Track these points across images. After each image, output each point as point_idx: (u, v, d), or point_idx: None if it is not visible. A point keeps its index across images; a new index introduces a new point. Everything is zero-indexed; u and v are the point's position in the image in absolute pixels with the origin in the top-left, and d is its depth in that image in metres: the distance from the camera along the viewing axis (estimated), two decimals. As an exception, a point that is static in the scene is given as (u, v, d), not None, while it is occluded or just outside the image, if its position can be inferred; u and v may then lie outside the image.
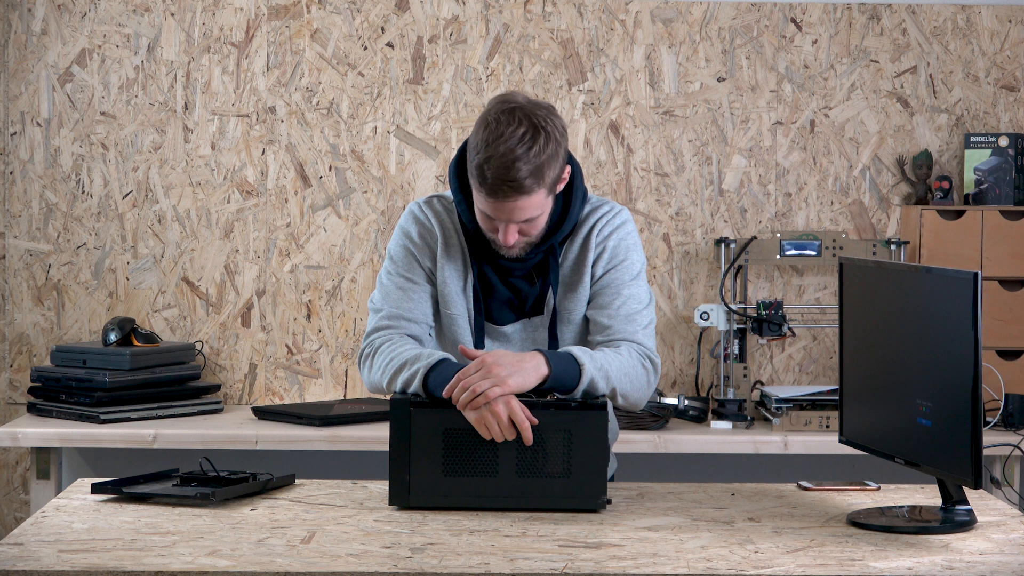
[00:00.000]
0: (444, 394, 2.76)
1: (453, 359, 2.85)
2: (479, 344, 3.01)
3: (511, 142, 2.82)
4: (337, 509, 2.77)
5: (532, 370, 2.78)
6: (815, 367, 4.65)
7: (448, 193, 3.07)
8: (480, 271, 3.01)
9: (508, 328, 3.03)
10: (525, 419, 2.72)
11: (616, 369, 2.87)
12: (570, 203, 2.99)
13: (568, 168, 2.94)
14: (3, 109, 4.56)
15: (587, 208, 3.04)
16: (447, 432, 2.73)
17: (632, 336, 2.97)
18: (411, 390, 2.83)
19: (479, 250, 3.00)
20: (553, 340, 3.02)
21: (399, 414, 2.74)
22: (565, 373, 2.81)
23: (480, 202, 2.89)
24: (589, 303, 3.03)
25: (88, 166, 4.57)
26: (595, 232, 3.02)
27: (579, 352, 2.84)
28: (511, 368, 2.76)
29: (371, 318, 3.02)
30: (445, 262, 3.01)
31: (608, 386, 2.85)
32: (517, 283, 3.02)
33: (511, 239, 2.90)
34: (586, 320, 3.04)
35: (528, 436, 2.72)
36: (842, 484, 3.02)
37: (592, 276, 3.02)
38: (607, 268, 3.02)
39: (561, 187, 2.95)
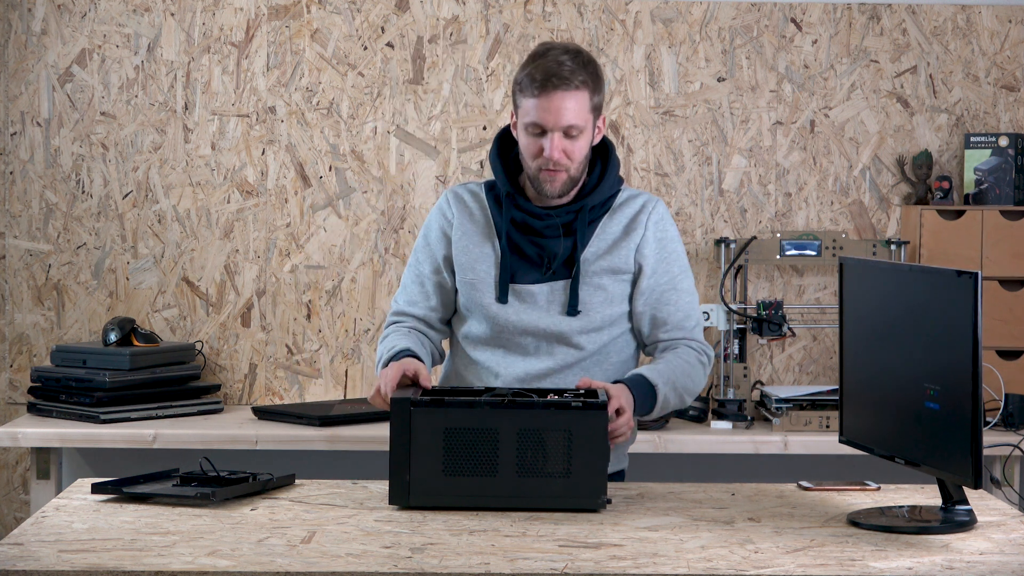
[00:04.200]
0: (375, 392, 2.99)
1: (417, 353, 3.07)
2: (503, 301, 3.10)
3: (557, 52, 3.07)
4: (337, 509, 2.77)
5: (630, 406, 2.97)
6: (815, 367, 4.65)
7: (482, 181, 3.26)
8: (507, 235, 3.15)
9: (534, 288, 3.14)
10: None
11: (681, 375, 3.08)
12: (606, 169, 3.16)
13: (604, 120, 3.15)
14: (3, 109, 4.56)
15: (626, 192, 3.21)
16: (447, 431, 2.73)
17: (690, 334, 3.17)
18: None
19: (507, 214, 3.15)
20: (573, 297, 3.08)
21: (399, 413, 2.74)
22: (644, 398, 3.01)
23: (528, 112, 3.05)
24: (645, 295, 3.16)
25: (88, 166, 4.57)
26: (645, 215, 3.17)
27: (650, 373, 3.04)
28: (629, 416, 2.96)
29: (390, 309, 3.29)
30: (463, 234, 3.18)
31: (677, 396, 3.07)
32: (545, 243, 3.13)
33: (556, 149, 3.04)
34: (629, 300, 3.18)
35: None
36: (842, 484, 3.02)
37: (640, 256, 3.15)
38: (660, 259, 3.16)
39: (598, 137, 3.13)
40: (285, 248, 4.59)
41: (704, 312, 4.40)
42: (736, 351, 4.45)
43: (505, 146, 3.21)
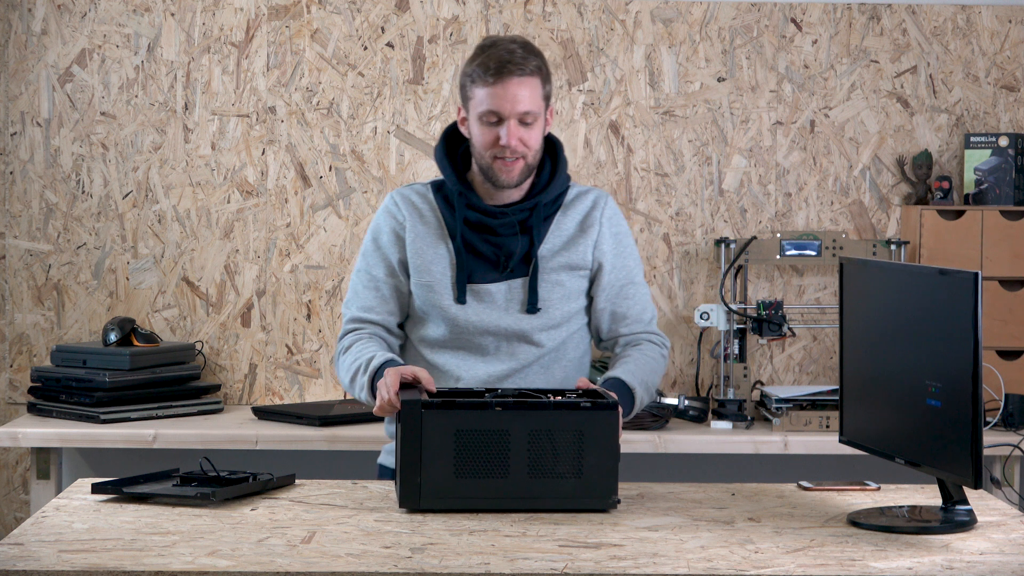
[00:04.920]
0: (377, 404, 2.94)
1: (398, 360, 3.06)
2: (461, 302, 3.11)
3: (506, 42, 3.10)
4: (337, 509, 2.77)
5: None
6: (815, 367, 4.65)
7: (426, 182, 3.24)
8: (461, 235, 3.14)
9: (492, 287, 3.13)
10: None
11: (650, 372, 3.13)
12: (556, 166, 3.18)
13: (552, 113, 3.17)
14: (3, 109, 4.56)
15: (576, 189, 3.22)
16: (459, 433, 2.73)
17: (648, 327, 3.22)
18: (363, 398, 3.07)
19: (460, 214, 3.14)
20: (533, 294, 3.07)
21: (410, 415, 2.73)
22: (623, 403, 3.02)
23: (483, 101, 3.06)
24: (606, 291, 3.18)
25: (88, 166, 4.57)
26: (598, 211, 3.19)
27: (627, 376, 3.07)
28: None
29: (344, 317, 3.22)
30: (416, 236, 3.15)
31: (648, 396, 3.11)
32: (501, 241, 3.12)
33: (513, 136, 3.05)
34: (588, 298, 3.20)
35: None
36: (842, 484, 3.02)
37: (599, 253, 3.17)
38: (617, 254, 3.19)
39: (548, 128, 3.14)
40: (285, 248, 4.59)
41: (704, 312, 4.40)
42: (736, 351, 4.45)
43: (450, 145, 3.21)
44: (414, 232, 3.16)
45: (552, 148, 3.20)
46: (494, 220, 3.12)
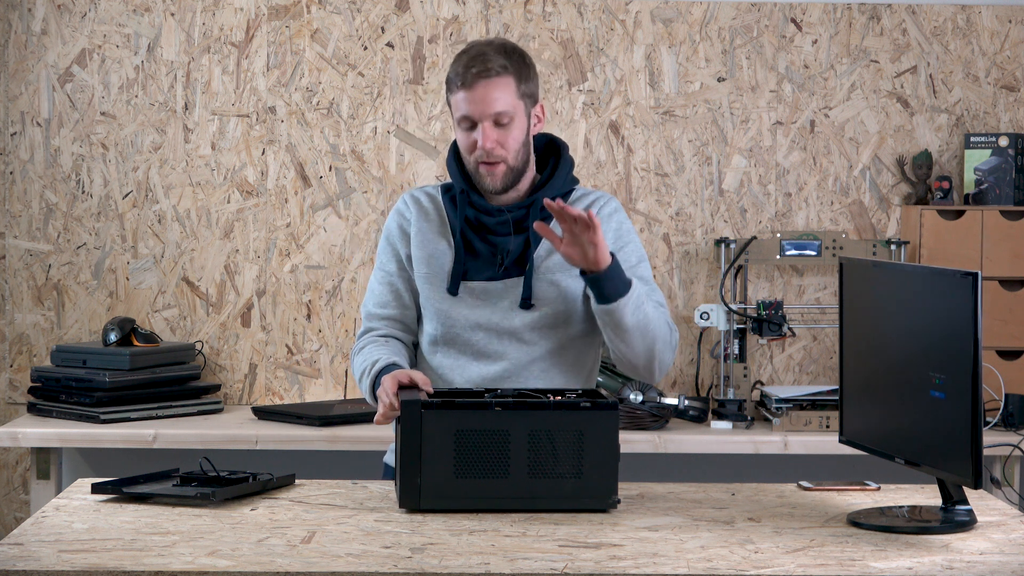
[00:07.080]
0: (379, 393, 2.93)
1: (401, 364, 3.04)
2: (453, 293, 3.12)
3: (480, 45, 3.09)
4: (337, 509, 2.77)
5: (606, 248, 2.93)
6: (815, 367, 4.65)
7: (439, 184, 3.27)
8: (461, 233, 3.14)
9: (488, 284, 3.12)
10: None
11: (652, 308, 3.01)
12: (558, 166, 3.15)
13: (543, 109, 3.14)
14: (3, 109, 4.56)
15: (580, 191, 3.19)
16: (458, 433, 2.73)
17: (659, 301, 3.09)
18: (370, 400, 3.07)
19: (461, 211, 3.15)
20: (527, 291, 3.08)
21: (410, 416, 2.73)
22: (618, 276, 2.94)
23: (459, 107, 3.06)
24: None
25: (88, 166, 4.57)
26: (595, 208, 3.15)
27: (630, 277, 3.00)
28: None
29: (362, 315, 3.24)
30: (419, 230, 3.17)
31: (643, 316, 2.97)
32: (497, 240, 3.12)
33: (489, 140, 3.04)
34: (585, 298, 3.12)
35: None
36: (842, 484, 3.02)
37: None
38: (616, 248, 3.11)
39: (538, 127, 3.13)
40: (285, 248, 4.59)
41: (704, 312, 4.40)
42: (736, 351, 4.45)
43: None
44: (417, 227, 3.17)
45: (556, 149, 3.19)
46: (490, 218, 3.12)
